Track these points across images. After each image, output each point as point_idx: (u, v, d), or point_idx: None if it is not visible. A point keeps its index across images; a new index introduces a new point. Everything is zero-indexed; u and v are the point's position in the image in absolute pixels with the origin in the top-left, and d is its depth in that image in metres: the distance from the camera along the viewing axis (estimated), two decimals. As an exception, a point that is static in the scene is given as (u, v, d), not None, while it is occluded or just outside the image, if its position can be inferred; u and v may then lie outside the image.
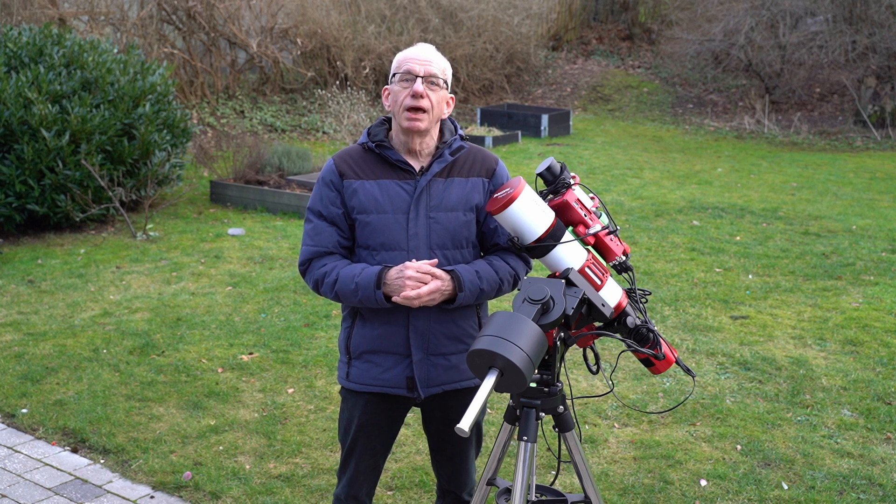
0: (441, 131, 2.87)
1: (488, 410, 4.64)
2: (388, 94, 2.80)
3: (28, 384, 4.98)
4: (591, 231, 2.51)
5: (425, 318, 2.78)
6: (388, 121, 2.89)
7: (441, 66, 2.77)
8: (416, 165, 2.81)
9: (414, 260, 2.70)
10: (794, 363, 5.25)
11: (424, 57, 2.76)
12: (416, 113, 2.72)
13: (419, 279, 2.65)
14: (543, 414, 2.52)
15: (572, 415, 2.62)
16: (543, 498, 2.73)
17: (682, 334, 5.70)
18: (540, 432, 2.62)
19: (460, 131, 2.90)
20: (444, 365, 2.83)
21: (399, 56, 2.80)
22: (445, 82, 2.78)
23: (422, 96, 2.71)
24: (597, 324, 2.56)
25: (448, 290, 2.70)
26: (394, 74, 2.78)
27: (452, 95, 2.85)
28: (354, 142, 11.90)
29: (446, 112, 2.83)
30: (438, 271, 2.69)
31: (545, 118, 13.60)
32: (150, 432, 4.45)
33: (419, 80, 2.71)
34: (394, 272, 2.68)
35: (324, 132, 13.08)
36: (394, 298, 2.66)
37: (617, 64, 18.08)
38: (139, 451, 4.27)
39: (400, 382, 2.82)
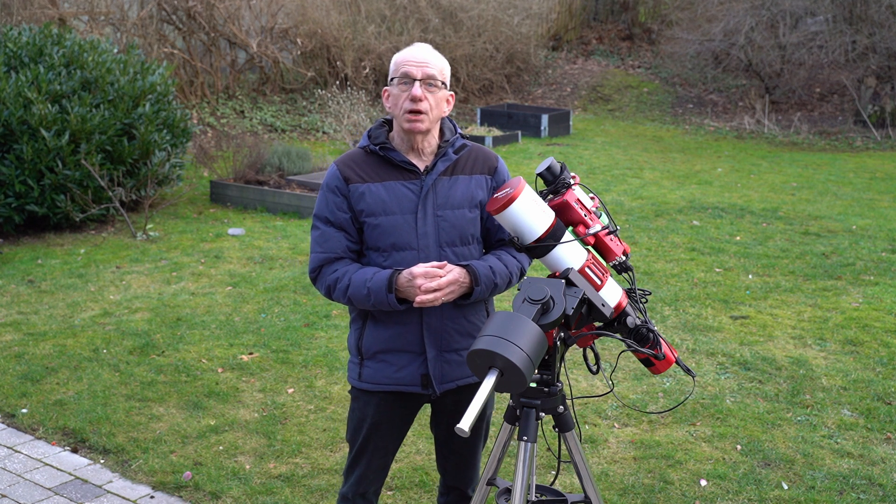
0: (441, 130, 2.88)
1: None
2: (388, 95, 2.81)
3: (28, 384, 4.98)
4: (591, 231, 2.50)
5: (438, 315, 2.80)
6: (388, 122, 2.90)
7: (439, 66, 2.77)
8: (420, 165, 2.82)
9: (421, 264, 2.70)
10: (794, 363, 5.25)
11: (421, 58, 2.76)
12: (416, 115, 2.74)
13: (429, 282, 2.66)
14: (543, 414, 2.52)
15: (572, 415, 2.62)
16: (543, 498, 2.73)
17: (682, 334, 5.70)
18: (540, 432, 2.62)
19: (459, 130, 2.91)
20: (457, 361, 2.85)
21: (396, 58, 2.79)
22: (444, 83, 2.78)
23: (421, 100, 2.72)
24: (597, 324, 2.56)
25: (465, 283, 2.73)
26: (392, 78, 2.79)
27: (452, 93, 2.85)
28: (355, 142, 11.87)
29: (446, 110, 2.84)
30: (450, 266, 2.70)
31: (545, 118, 13.60)
32: (150, 432, 4.45)
33: (417, 83, 2.72)
34: (403, 280, 2.68)
35: (324, 132, 13.08)
36: (415, 303, 2.67)
37: (617, 64, 18.08)
38: (139, 451, 4.27)
39: (415, 380, 2.83)
